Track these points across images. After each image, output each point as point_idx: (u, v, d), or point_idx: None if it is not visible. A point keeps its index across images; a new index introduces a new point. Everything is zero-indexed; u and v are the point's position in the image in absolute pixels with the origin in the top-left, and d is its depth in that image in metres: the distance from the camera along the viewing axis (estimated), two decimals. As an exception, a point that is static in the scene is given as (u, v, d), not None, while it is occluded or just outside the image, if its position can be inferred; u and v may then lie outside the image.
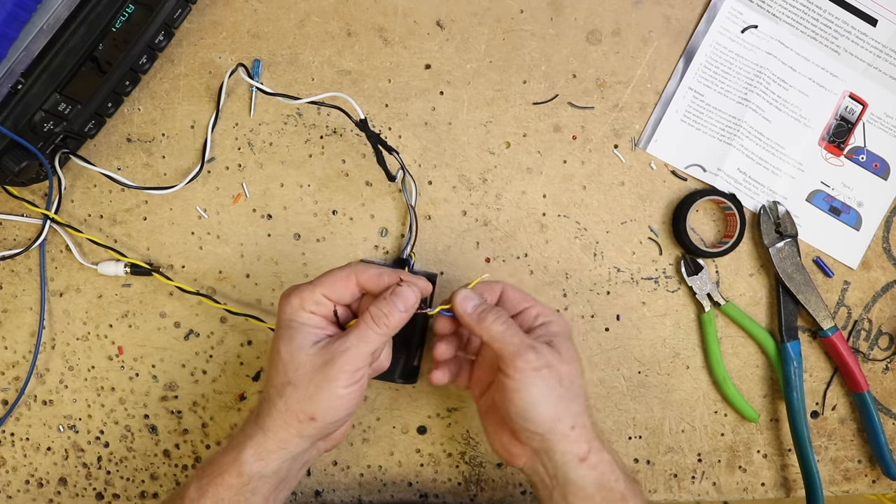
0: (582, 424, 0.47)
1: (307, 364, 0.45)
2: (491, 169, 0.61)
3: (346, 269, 0.48)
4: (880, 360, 0.65)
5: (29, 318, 0.59)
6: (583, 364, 0.50)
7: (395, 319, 0.46)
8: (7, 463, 0.60)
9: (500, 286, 0.51)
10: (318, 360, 0.45)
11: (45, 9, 0.48)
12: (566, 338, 0.49)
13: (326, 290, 0.47)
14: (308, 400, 0.45)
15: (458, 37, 0.60)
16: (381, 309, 0.46)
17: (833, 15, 0.62)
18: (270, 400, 0.46)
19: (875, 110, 0.63)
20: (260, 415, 0.46)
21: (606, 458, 0.47)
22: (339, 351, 0.45)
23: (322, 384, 0.44)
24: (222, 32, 0.59)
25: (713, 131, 0.62)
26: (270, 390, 0.46)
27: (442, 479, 0.62)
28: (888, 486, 0.65)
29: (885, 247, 0.64)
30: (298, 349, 0.45)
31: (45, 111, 0.50)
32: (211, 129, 0.59)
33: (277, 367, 0.46)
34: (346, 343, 0.45)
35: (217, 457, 0.47)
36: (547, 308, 0.51)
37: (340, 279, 0.47)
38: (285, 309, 0.47)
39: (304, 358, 0.45)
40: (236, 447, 0.46)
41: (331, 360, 0.45)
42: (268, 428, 0.46)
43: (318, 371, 0.45)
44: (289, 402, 0.45)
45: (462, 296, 0.49)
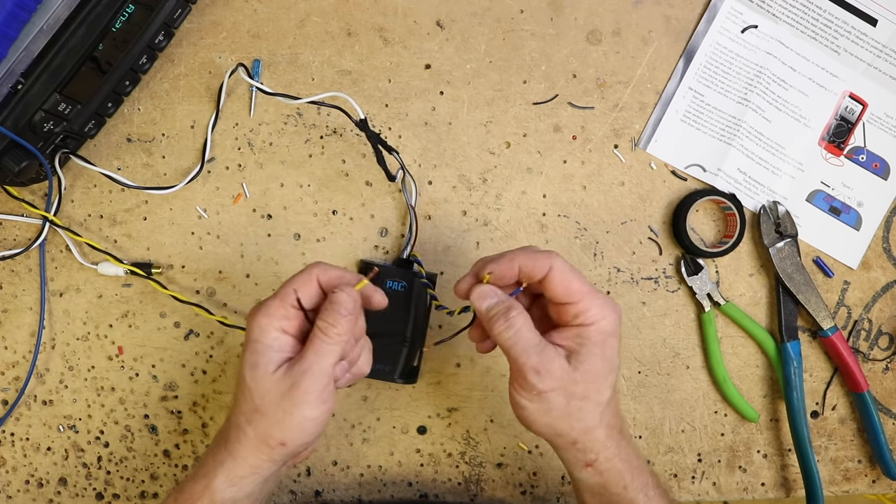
0: (590, 439, 0.45)
1: (272, 390, 0.44)
2: (491, 169, 0.61)
3: (306, 272, 0.46)
4: (880, 360, 0.65)
5: (29, 318, 0.59)
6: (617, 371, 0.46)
7: (342, 326, 0.45)
8: (7, 463, 0.60)
9: (549, 262, 0.46)
10: (282, 385, 0.44)
11: (45, 9, 0.48)
12: (600, 345, 0.45)
13: (291, 298, 0.45)
14: (277, 426, 0.44)
15: (458, 37, 0.60)
16: (326, 319, 0.45)
17: (833, 15, 0.62)
18: (240, 427, 0.45)
19: (875, 110, 0.63)
20: (229, 441, 0.45)
21: (616, 467, 0.46)
22: (301, 372, 0.43)
23: (290, 409, 0.43)
24: (222, 32, 0.59)
25: (713, 131, 0.62)
26: (239, 417, 0.45)
27: (442, 479, 0.62)
28: (888, 486, 0.65)
29: (885, 247, 0.64)
30: (263, 376, 0.44)
31: (45, 111, 0.50)
32: (211, 129, 0.59)
33: (244, 393, 0.45)
34: (306, 363, 0.44)
35: (187, 485, 0.46)
36: (595, 303, 0.45)
37: (303, 284, 0.46)
38: (253, 329, 0.45)
39: (268, 384, 0.44)
40: (206, 474, 0.45)
41: (295, 383, 0.43)
42: (238, 455, 0.45)
43: (284, 397, 0.43)
44: (258, 429, 0.44)
45: (477, 293, 0.47)
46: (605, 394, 0.45)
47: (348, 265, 0.60)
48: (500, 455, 0.62)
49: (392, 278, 0.57)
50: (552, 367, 0.44)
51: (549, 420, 0.45)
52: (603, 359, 0.45)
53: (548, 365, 0.44)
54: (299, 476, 0.61)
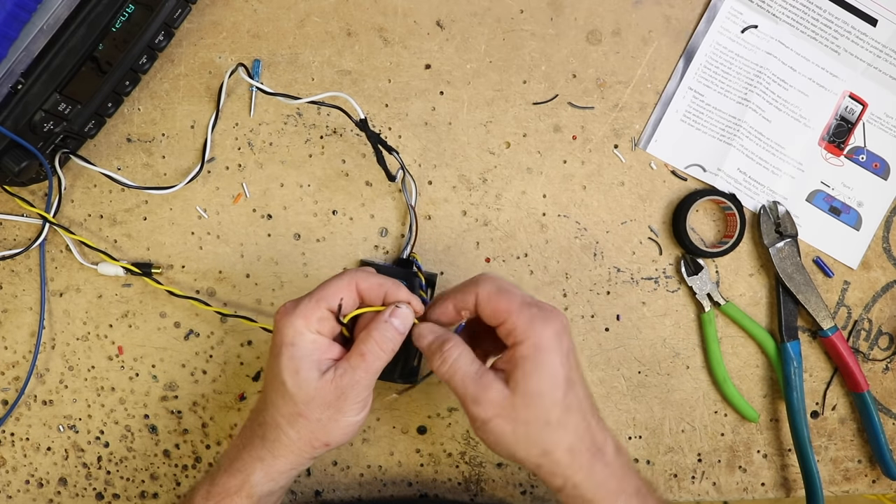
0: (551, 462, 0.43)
1: (317, 399, 0.44)
2: (491, 169, 0.61)
3: (346, 278, 0.46)
4: (880, 360, 0.65)
5: (29, 318, 0.59)
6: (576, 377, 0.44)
7: (396, 342, 0.46)
8: (7, 463, 0.60)
9: (475, 289, 0.45)
10: (328, 394, 0.44)
11: (45, 9, 0.48)
12: (534, 362, 0.42)
13: (329, 301, 0.45)
14: (323, 430, 0.45)
15: (458, 37, 0.60)
16: (384, 334, 0.45)
17: (833, 15, 0.62)
18: (279, 427, 0.45)
19: (875, 110, 0.63)
20: (267, 438, 0.45)
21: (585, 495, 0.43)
22: (350, 384, 0.44)
23: (336, 417, 0.44)
24: (222, 32, 0.59)
25: (713, 131, 0.62)
26: (278, 418, 0.45)
27: (442, 479, 0.62)
28: (888, 486, 0.65)
29: (885, 247, 0.64)
30: (306, 382, 0.44)
31: (45, 111, 0.50)
32: (211, 129, 0.59)
33: (284, 396, 0.44)
34: (356, 376, 0.44)
35: (220, 478, 0.46)
36: (521, 320, 0.43)
37: (342, 289, 0.45)
38: (286, 331, 0.44)
39: (312, 392, 0.44)
40: (243, 469, 0.46)
41: (343, 395, 0.44)
42: (279, 454, 0.45)
43: (329, 406, 0.44)
44: (301, 432, 0.45)
45: (416, 334, 0.47)
46: (552, 413, 0.42)
47: (348, 265, 0.60)
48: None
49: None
50: (489, 394, 0.43)
51: (504, 448, 0.44)
52: (541, 377, 0.42)
53: (484, 393, 0.43)
54: (299, 476, 0.61)
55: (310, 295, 0.46)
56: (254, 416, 0.48)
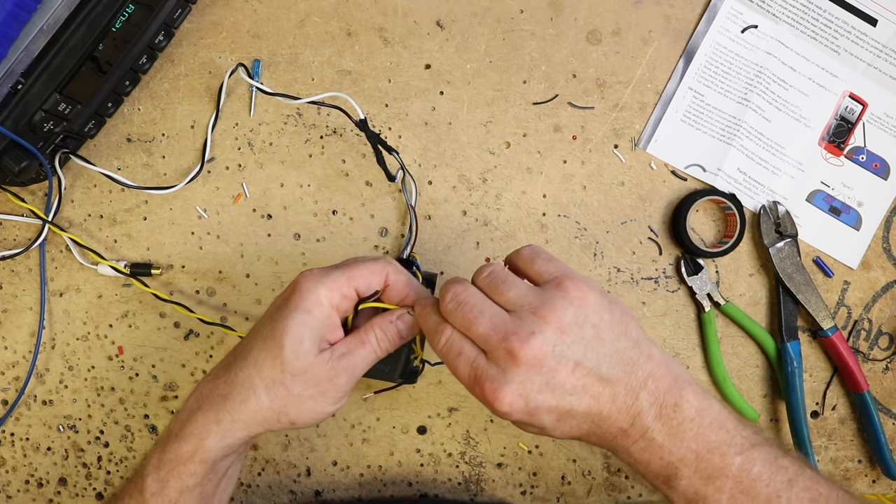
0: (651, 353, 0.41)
1: (308, 374, 0.42)
2: (491, 169, 0.61)
3: (380, 264, 0.45)
4: (880, 360, 0.65)
5: (29, 318, 0.59)
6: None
7: (394, 345, 0.45)
8: (7, 463, 0.60)
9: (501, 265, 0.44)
10: (321, 373, 0.42)
11: (45, 9, 0.48)
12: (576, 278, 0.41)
13: (358, 281, 0.44)
14: (296, 407, 0.43)
15: (458, 37, 0.60)
16: (387, 333, 0.45)
17: (833, 15, 0.62)
18: (254, 390, 0.42)
19: (875, 110, 0.63)
20: (231, 398, 0.43)
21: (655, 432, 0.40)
22: (343, 369, 0.43)
23: (317, 398, 0.43)
24: (222, 32, 0.59)
25: (713, 131, 0.62)
26: (256, 380, 0.42)
27: (442, 479, 0.62)
28: (888, 486, 0.65)
29: (885, 247, 0.64)
30: (304, 353, 0.42)
31: (45, 111, 0.50)
32: (211, 129, 0.59)
33: (275, 360, 0.42)
34: (352, 362, 0.43)
35: (174, 445, 0.44)
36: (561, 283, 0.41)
37: (375, 273, 0.44)
38: (307, 295, 0.42)
39: (305, 365, 0.42)
40: (196, 433, 0.43)
41: (333, 378, 0.43)
42: (239, 417, 0.43)
43: (317, 384, 0.43)
44: (274, 401, 0.42)
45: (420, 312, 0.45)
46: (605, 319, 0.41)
47: (348, 265, 0.60)
48: (500, 455, 0.62)
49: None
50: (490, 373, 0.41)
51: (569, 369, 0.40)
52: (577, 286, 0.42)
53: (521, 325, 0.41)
54: (299, 476, 0.61)
55: (341, 269, 0.44)
56: (219, 372, 0.45)
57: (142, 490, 0.44)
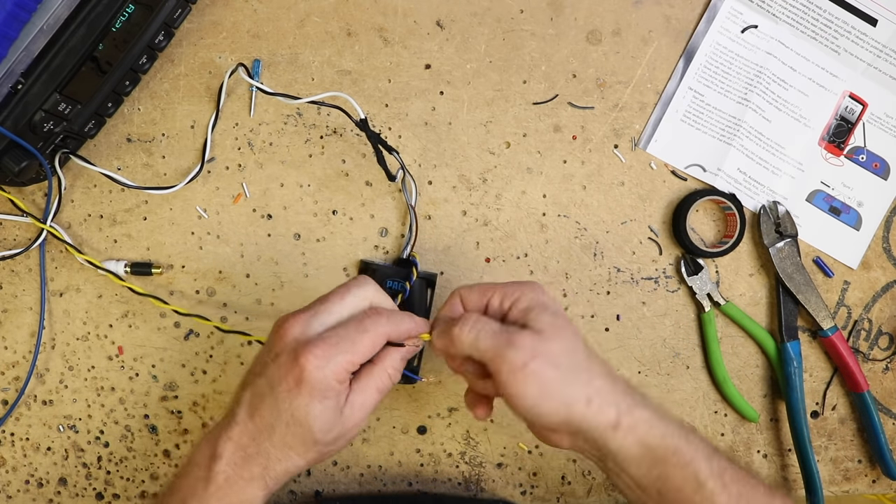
0: (599, 391, 0.44)
1: (334, 431, 0.45)
2: (491, 169, 0.61)
3: (379, 332, 0.45)
4: (880, 360, 0.65)
5: (29, 318, 0.59)
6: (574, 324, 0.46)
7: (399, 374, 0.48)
8: (7, 463, 0.60)
9: (456, 295, 0.48)
10: (344, 430, 0.45)
11: (45, 9, 0.48)
12: (542, 306, 0.45)
13: (364, 357, 0.45)
14: (329, 451, 0.46)
15: (458, 37, 0.60)
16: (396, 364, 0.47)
17: (833, 15, 0.62)
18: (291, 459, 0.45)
19: (875, 110, 0.63)
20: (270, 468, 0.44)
21: (643, 416, 0.44)
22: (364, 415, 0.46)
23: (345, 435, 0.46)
24: (222, 32, 0.59)
25: (713, 131, 0.62)
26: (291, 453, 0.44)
27: (442, 479, 0.62)
28: (888, 486, 0.65)
29: (885, 247, 0.64)
30: (331, 426, 0.44)
31: (45, 111, 0.50)
32: (211, 129, 0.59)
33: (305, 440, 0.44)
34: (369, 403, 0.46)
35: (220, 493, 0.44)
36: (509, 285, 0.47)
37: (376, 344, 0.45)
38: (319, 384, 0.43)
39: (335, 433, 0.45)
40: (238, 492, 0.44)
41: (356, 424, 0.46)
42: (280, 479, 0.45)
43: (343, 436, 0.46)
44: (309, 458, 0.45)
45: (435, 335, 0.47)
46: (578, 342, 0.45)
47: (348, 265, 0.60)
48: (500, 455, 0.62)
49: (392, 278, 0.57)
50: (521, 338, 0.43)
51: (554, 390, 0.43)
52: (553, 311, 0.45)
53: (517, 337, 0.43)
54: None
55: (344, 349, 0.44)
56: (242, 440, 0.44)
57: None
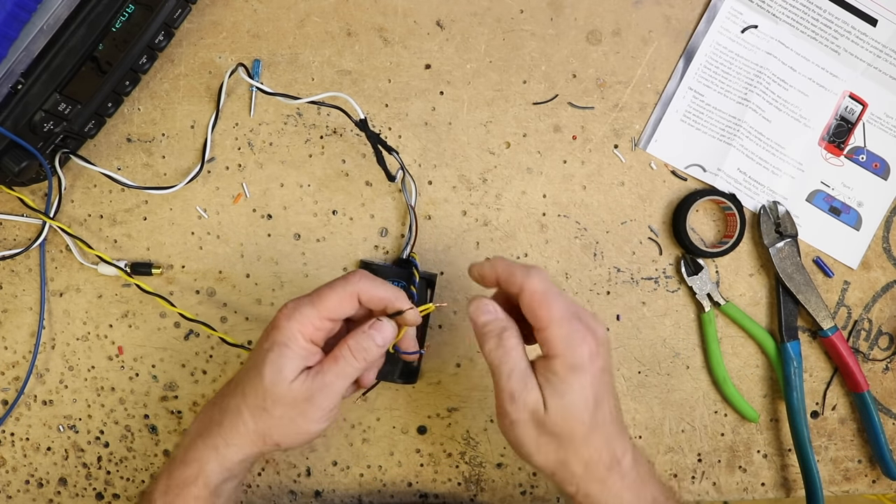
0: (566, 472, 0.44)
1: (286, 397, 0.44)
2: (491, 169, 0.61)
3: (349, 287, 0.46)
4: (880, 360, 0.65)
5: (29, 318, 0.59)
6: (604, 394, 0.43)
7: (372, 354, 0.46)
8: (7, 463, 0.60)
9: (521, 281, 0.44)
10: (297, 395, 0.44)
11: (45, 9, 0.48)
12: (567, 381, 0.42)
13: (328, 312, 0.45)
14: (279, 430, 0.45)
15: (458, 37, 0.60)
16: (361, 343, 0.45)
17: (833, 15, 0.62)
18: (240, 415, 0.46)
19: (875, 110, 0.63)
20: (224, 425, 0.46)
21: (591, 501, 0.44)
22: (318, 388, 0.45)
23: (296, 419, 0.45)
24: (222, 32, 0.59)
25: (713, 131, 0.62)
26: (242, 406, 0.46)
27: (442, 479, 0.62)
28: (888, 486, 0.65)
29: (885, 247, 0.64)
30: (282, 380, 0.44)
31: (45, 111, 0.50)
32: (211, 129, 0.59)
33: (256, 387, 0.45)
34: (326, 379, 0.45)
35: (178, 471, 0.46)
36: (560, 333, 0.42)
37: (344, 299, 0.46)
38: (283, 331, 0.45)
39: (284, 390, 0.44)
40: (198, 459, 0.46)
41: (310, 398, 0.45)
42: (232, 443, 0.46)
43: (294, 407, 0.45)
44: (259, 425, 0.45)
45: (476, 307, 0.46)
46: (577, 431, 0.43)
47: (348, 265, 0.60)
48: (500, 455, 0.62)
49: (392, 278, 0.57)
50: (527, 396, 0.43)
51: (523, 450, 0.44)
52: (572, 399, 0.42)
53: (524, 394, 0.43)
54: (299, 476, 0.61)
55: (311, 302, 0.45)
56: (216, 400, 0.48)
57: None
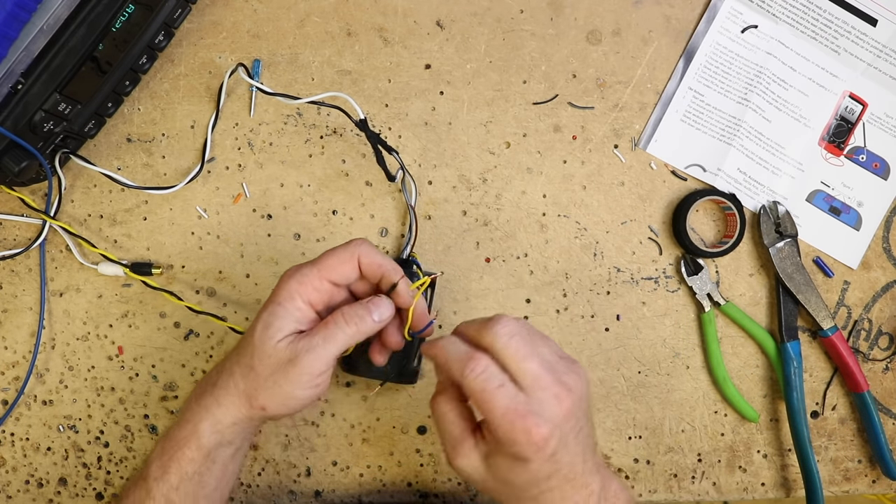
0: None
1: (273, 357, 0.44)
2: (491, 169, 0.61)
3: (350, 250, 0.47)
4: (880, 360, 0.65)
5: (29, 318, 0.59)
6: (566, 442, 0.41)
7: (366, 325, 0.45)
8: (7, 463, 0.60)
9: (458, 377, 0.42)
10: (283, 355, 0.44)
11: (45, 9, 0.48)
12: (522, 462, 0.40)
13: (329, 272, 0.46)
14: (264, 392, 0.45)
15: (458, 37, 0.60)
16: (357, 311, 0.45)
17: (833, 15, 0.62)
18: (232, 375, 0.46)
19: (875, 110, 0.63)
20: (217, 385, 0.47)
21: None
22: (303, 350, 0.44)
23: (280, 382, 0.44)
24: (222, 32, 0.59)
25: (713, 131, 0.62)
26: (234, 366, 0.46)
27: (442, 479, 0.62)
28: (888, 486, 0.65)
29: (885, 247, 0.64)
30: (270, 339, 0.44)
31: (45, 111, 0.50)
32: (211, 129, 0.59)
33: (247, 347, 0.45)
34: (312, 342, 0.44)
35: (174, 431, 0.47)
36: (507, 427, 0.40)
37: (344, 261, 0.46)
38: (281, 291, 0.46)
39: (271, 349, 0.44)
40: (192, 419, 0.46)
41: (294, 358, 0.44)
42: (222, 402, 0.46)
43: (280, 367, 0.44)
44: (247, 385, 0.45)
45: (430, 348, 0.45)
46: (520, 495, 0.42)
47: (348, 265, 0.60)
48: (500, 455, 0.62)
49: (392, 278, 0.57)
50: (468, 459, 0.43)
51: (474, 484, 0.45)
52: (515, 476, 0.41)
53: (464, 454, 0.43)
54: (299, 476, 0.61)
55: (313, 263, 0.47)
56: (217, 365, 0.49)
57: (146, 476, 0.47)
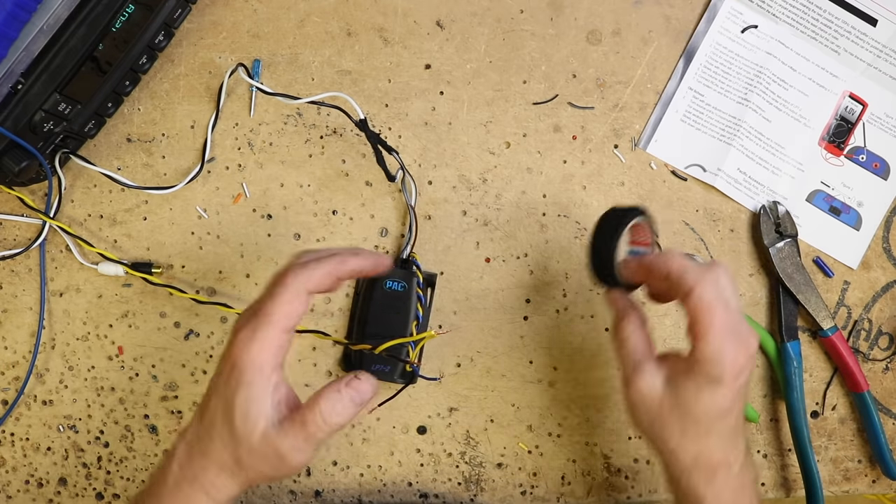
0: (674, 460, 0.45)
1: (260, 450, 0.40)
2: (491, 169, 0.61)
3: (294, 288, 0.41)
4: (880, 360, 0.65)
5: (29, 318, 0.59)
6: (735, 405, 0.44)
7: (347, 415, 0.41)
8: (7, 463, 0.60)
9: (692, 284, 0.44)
10: (270, 451, 0.40)
11: (45, 9, 0.48)
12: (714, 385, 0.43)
13: (287, 321, 0.41)
14: (258, 478, 0.42)
15: (458, 37, 0.61)
16: (335, 405, 0.41)
17: (833, 15, 0.62)
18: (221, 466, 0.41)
19: (875, 110, 0.63)
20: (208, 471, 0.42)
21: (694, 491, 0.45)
22: (291, 449, 0.40)
23: (274, 471, 0.41)
24: (222, 32, 0.59)
25: (713, 131, 0.62)
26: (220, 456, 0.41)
27: (442, 479, 0.62)
28: (888, 486, 0.65)
29: (885, 247, 0.64)
30: (254, 430, 0.40)
31: (45, 111, 0.50)
32: (211, 129, 0.59)
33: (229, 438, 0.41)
34: (296, 443, 0.40)
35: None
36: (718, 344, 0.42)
37: (295, 306, 0.41)
38: (247, 366, 0.40)
39: (257, 443, 0.40)
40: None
41: (284, 456, 0.41)
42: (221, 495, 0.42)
43: (269, 460, 0.41)
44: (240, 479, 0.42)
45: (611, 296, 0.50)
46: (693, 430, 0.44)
47: (348, 265, 0.60)
48: (500, 455, 0.62)
49: (392, 278, 0.57)
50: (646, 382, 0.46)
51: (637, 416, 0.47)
52: (700, 404, 0.44)
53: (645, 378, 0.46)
54: (299, 476, 0.61)
55: (266, 316, 0.40)
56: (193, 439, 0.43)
57: None
